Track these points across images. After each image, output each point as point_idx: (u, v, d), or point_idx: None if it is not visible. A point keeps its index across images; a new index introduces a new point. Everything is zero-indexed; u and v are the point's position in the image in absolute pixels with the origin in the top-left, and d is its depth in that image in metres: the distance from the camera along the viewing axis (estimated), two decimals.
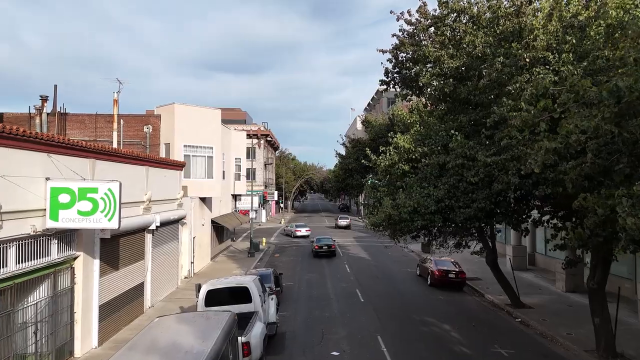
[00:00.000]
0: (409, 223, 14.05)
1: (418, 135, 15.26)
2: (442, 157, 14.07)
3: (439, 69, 14.04)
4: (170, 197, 23.29)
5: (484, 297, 22.86)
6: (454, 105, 15.09)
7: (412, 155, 14.67)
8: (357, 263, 32.48)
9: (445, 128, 14.75)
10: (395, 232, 15.42)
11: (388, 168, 15.31)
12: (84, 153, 14.53)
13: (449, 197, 13.93)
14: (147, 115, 29.11)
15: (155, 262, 21.07)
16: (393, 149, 15.26)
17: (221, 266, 31.01)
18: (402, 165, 14.96)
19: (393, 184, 15.37)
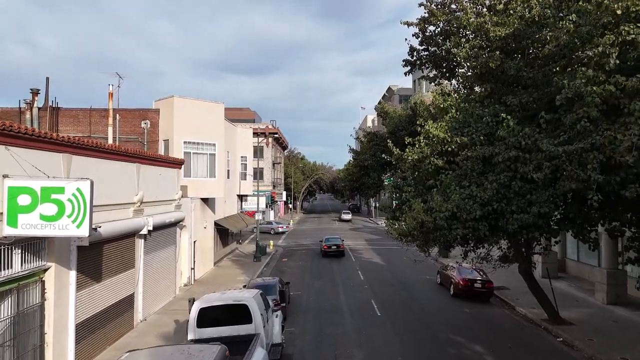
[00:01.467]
0: (445, 232, 11.57)
1: (455, 123, 12.67)
2: (488, 149, 11.54)
3: (481, 40, 11.61)
4: (166, 198, 21.18)
5: (515, 310, 20.42)
6: (497, 86, 12.51)
7: (447, 147, 12.21)
8: (370, 268, 30.16)
9: (489, 113, 12.20)
10: (427, 243, 12.93)
11: (417, 163, 12.96)
12: (56, 147, 12.40)
13: (498, 199, 11.30)
14: (145, 110, 27.07)
15: (149, 270, 18.94)
16: (424, 139, 12.85)
17: (224, 272, 28.87)
18: (435, 159, 12.59)
19: (422, 183, 12.94)
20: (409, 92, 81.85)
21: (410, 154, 13.12)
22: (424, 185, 12.92)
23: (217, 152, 27.67)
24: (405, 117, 18.97)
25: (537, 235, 11.48)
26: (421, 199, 12.08)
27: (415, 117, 18.26)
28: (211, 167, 27.39)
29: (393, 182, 14.43)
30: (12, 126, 10.26)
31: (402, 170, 14.05)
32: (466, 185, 11.72)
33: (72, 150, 13.10)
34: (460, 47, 11.82)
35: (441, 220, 11.35)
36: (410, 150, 13.23)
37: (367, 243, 43.69)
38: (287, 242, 45.16)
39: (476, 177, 11.79)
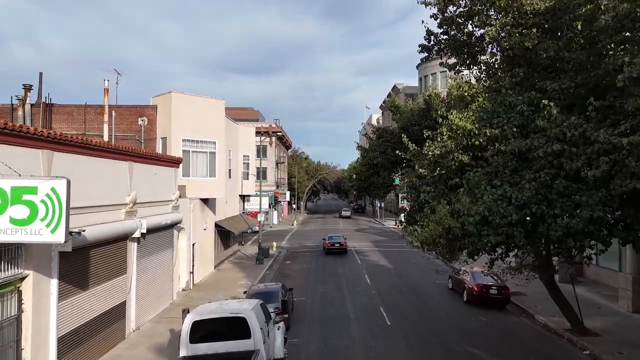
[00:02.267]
0: (475, 239, 10.11)
1: (482, 113, 11.05)
2: (524, 142, 10.04)
3: (513, 18, 10.24)
4: (162, 198, 20.00)
5: (534, 319, 19.11)
6: (529, 71, 11.05)
7: (474, 141, 10.82)
8: (377, 272, 28.88)
9: (523, 100, 10.58)
10: (453, 252, 11.51)
11: (439, 159, 11.44)
12: (34, 142, 11.21)
13: (537, 200, 9.69)
14: (142, 107, 25.92)
15: (143, 276, 17.76)
16: (447, 131, 11.55)
17: (225, 276, 27.68)
18: (460, 154, 11.14)
19: (444, 182, 11.59)
20: (414, 90, 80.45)
21: (430, 148, 11.57)
22: (445, 185, 11.57)
23: (218, 151, 26.48)
24: (418, 111, 17.66)
25: (586, 243, 9.98)
26: (445, 201, 10.60)
27: (429, 110, 16.93)
28: (211, 166, 26.20)
29: (408, 182, 13.05)
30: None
31: (419, 168, 12.67)
32: (497, 184, 10.24)
33: (54, 147, 11.92)
34: (488, 26, 10.41)
35: (470, 226, 9.84)
36: (430, 145, 11.68)
37: (373, 245, 42.41)
38: (291, 244, 43.96)
39: (509, 175, 10.36)
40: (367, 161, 17.82)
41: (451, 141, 11.08)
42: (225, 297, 22.42)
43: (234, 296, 22.24)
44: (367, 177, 18.30)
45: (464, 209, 9.97)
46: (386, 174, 17.86)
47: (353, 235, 49.98)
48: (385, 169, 17.78)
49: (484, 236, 10.00)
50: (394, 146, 17.21)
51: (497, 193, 10.00)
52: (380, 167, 17.67)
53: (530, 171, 10.04)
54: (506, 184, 10.19)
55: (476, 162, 10.94)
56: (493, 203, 9.79)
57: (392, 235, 51.81)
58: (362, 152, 19.15)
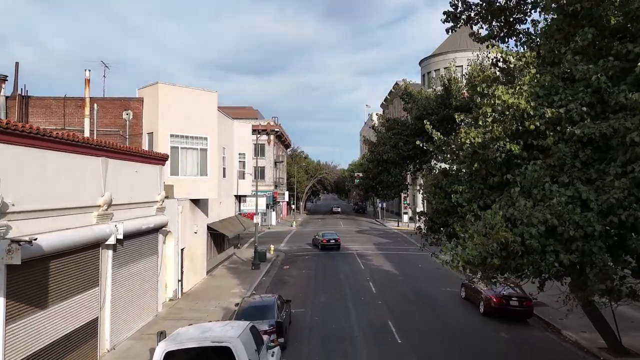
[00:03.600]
0: (537, 257, 7.58)
1: (538, 88, 8.52)
2: (605, 125, 7.50)
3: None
4: (145, 199, 17.89)
5: (561, 335, 17.04)
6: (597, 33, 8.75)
7: (528, 124, 8.35)
8: (382, 278, 26.78)
9: (595, 70, 8.01)
10: (503, 273, 9.06)
11: (479, 149, 8.84)
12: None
13: (629, 203, 7.25)
14: (127, 99, 23.81)
15: (120, 287, 15.65)
16: (491, 112, 8.85)
17: (218, 282, 25.57)
18: (507, 143, 8.64)
19: (482, 180, 9.35)
20: (417, 87, 78.45)
21: (469, 135, 8.90)
22: (484, 183, 9.39)
23: (209, 147, 24.37)
24: (435, 98, 15.59)
25: None
26: (496, 205, 8.13)
27: (448, 97, 14.85)
28: (202, 164, 24.09)
29: (432, 179, 10.80)
30: None
31: (447, 162, 10.48)
32: (565, 181, 7.85)
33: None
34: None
35: (532, 240, 7.36)
36: (468, 132, 9.02)
37: (376, 247, 40.32)
38: (290, 246, 41.85)
39: (579, 169, 8.01)
40: (376, 157, 15.71)
41: (497, 125, 8.67)
42: (216, 307, 20.37)
43: (226, 307, 20.18)
44: (376, 175, 16.21)
45: (522, 216, 7.57)
46: (397, 171, 15.76)
47: (354, 238, 47.95)
48: (397, 165, 15.68)
49: (549, 253, 7.56)
50: (406, 139, 15.09)
51: (566, 194, 7.55)
52: (390, 164, 15.55)
53: (616, 164, 7.59)
54: (576, 181, 7.81)
55: (528, 152, 8.73)
56: (563, 208, 7.33)
57: (395, 237, 49.75)
58: (369, 146, 17.09)
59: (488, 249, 7.42)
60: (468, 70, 15.39)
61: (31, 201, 10.69)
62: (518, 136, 8.61)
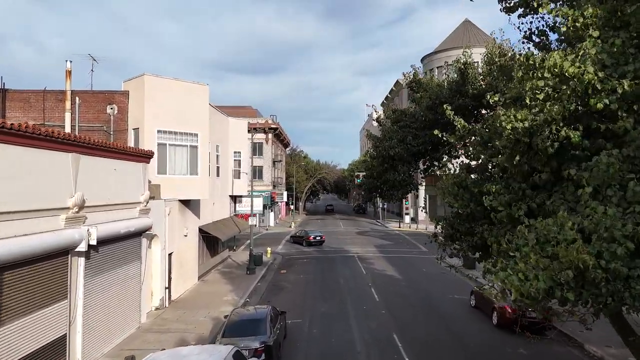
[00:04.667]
0: (620, 286, 5.65)
1: (606, 55, 6.54)
2: None
3: None
4: (126, 200, 16.26)
5: (584, 350, 15.43)
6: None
7: (595, 102, 6.44)
8: (385, 284, 25.15)
9: None
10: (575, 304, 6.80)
11: (524, 137, 6.92)
12: None
13: None
14: (112, 93, 22.18)
15: (94, 298, 14.02)
16: (543, 87, 6.84)
17: (210, 289, 23.92)
18: (562, 128, 6.78)
19: (523, 177, 7.42)
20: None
21: (511, 119, 6.90)
22: (526, 181, 7.46)
23: (200, 144, 22.73)
24: (449, 85, 13.89)
25: None
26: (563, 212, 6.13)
27: (464, 84, 13.21)
28: (192, 162, 22.45)
29: (452, 178, 9.06)
30: None
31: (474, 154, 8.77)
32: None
33: None
34: None
35: (617, 262, 5.47)
36: (510, 115, 7.00)
37: (378, 250, 38.70)
38: (287, 249, 40.21)
39: None
40: (381, 153, 13.92)
41: (551, 104, 6.71)
42: (205, 317, 18.74)
43: (216, 317, 18.56)
44: (380, 174, 14.42)
45: (598, 228, 5.60)
46: (405, 168, 13.98)
47: (355, 240, 46.34)
48: (405, 162, 13.91)
49: (636, 279, 5.56)
50: (415, 133, 13.39)
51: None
52: (397, 161, 13.80)
53: None
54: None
55: (590, 140, 7.08)
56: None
57: (397, 238, 48.14)
58: (373, 141, 15.31)
59: (558, 277, 5.65)
60: (484, 56, 13.72)
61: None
62: (576, 119, 6.84)
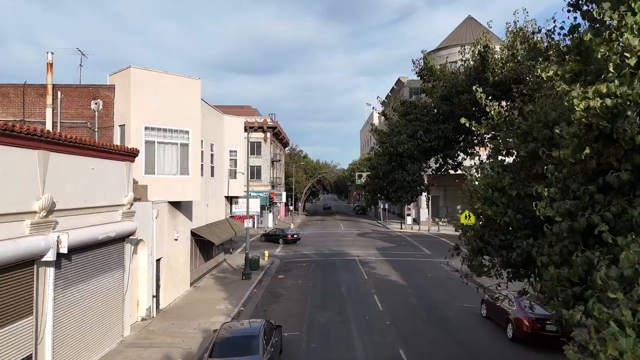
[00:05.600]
0: None
1: None
2: None
3: None
4: (105, 203, 14.79)
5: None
6: None
7: None
8: (389, 291, 23.67)
9: None
10: None
11: (600, 123, 5.02)
12: None
13: None
14: (97, 87, 20.72)
15: (67, 313, 12.57)
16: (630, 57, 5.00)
17: (202, 296, 22.45)
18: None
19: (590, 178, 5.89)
20: (419, 83, 75.47)
21: (585, 96, 5.15)
22: (593, 182, 5.71)
23: (191, 142, 21.27)
24: (467, 72, 12.27)
25: None
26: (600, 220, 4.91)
27: (484, 70, 11.67)
28: (183, 161, 20.99)
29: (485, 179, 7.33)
30: None
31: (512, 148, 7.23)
32: None
33: None
34: None
35: None
36: (586, 92, 5.21)
37: (380, 253, 37.21)
38: (285, 252, 38.71)
39: None
40: (388, 149, 12.27)
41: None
42: (195, 329, 17.28)
43: (207, 329, 17.11)
44: (387, 173, 12.81)
45: None
46: (416, 167, 12.36)
47: (356, 242, 44.86)
48: (415, 160, 12.30)
49: None
50: (427, 127, 11.85)
51: None
52: (407, 158, 12.20)
53: None
54: None
55: None
56: None
57: (399, 240, 46.68)
58: (379, 137, 13.69)
59: None
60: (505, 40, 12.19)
61: None
62: None
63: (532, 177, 6.53)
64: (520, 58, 10.47)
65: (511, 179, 6.58)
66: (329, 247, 40.47)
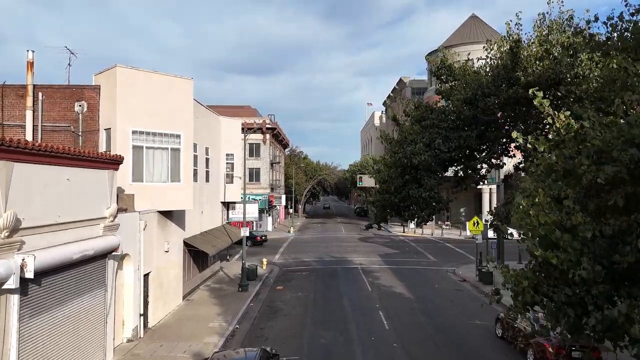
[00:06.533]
0: None
1: None
2: None
3: None
4: (84, 216, 13.31)
5: None
6: None
7: None
8: (395, 305, 22.19)
9: None
10: None
11: None
12: None
13: None
14: (81, 87, 19.25)
15: (36, 343, 11.10)
16: None
17: (195, 312, 20.96)
18: None
19: None
20: (423, 84, 73.97)
21: None
22: None
23: (183, 147, 19.81)
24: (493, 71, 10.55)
25: None
26: None
27: (514, 69, 10.08)
28: (174, 167, 19.52)
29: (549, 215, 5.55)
30: None
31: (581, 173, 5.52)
32: None
33: None
34: None
35: None
36: None
37: (383, 260, 35.76)
38: (285, 258, 37.28)
39: None
40: (401, 161, 10.55)
41: None
42: (185, 352, 15.82)
43: (199, 352, 15.68)
44: (400, 188, 11.10)
45: None
46: (434, 182, 10.66)
47: (357, 247, 43.42)
48: (432, 173, 10.63)
49: None
50: (445, 134, 10.24)
51: None
52: (423, 171, 10.47)
53: None
54: None
55: None
56: None
57: (403, 245, 45.28)
58: (390, 145, 11.97)
59: None
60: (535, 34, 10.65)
61: None
62: None
63: (607, 209, 5.04)
64: (557, 54, 9.04)
65: (586, 217, 5.01)
66: (330, 254, 39.04)
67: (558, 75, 8.36)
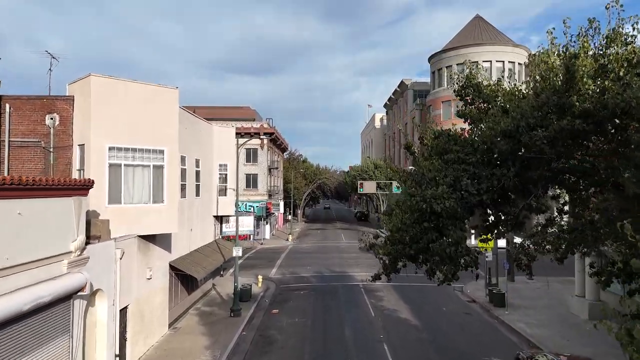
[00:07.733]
0: None
1: None
2: None
3: None
4: (42, 255, 11.34)
5: None
6: None
7: None
8: (401, 336, 20.24)
9: None
10: None
11: None
12: None
13: None
14: (52, 98, 17.32)
15: None
16: None
17: (181, 344, 18.99)
18: None
19: None
20: (425, 86, 71.86)
21: None
22: None
23: (167, 163, 17.86)
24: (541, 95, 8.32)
25: None
26: None
27: (568, 90, 7.96)
28: (156, 186, 17.57)
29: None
30: None
31: None
32: None
33: None
34: None
35: None
36: None
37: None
38: (282, 273, 35.31)
39: None
40: (419, 205, 8.40)
41: None
42: None
43: None
44: (416, 238, 8.94)
45: None
46: (460, 232, 8.49)
47: (359, 259, 41.17)
48: (458, 220, 8.49)
49: None
50: (474, 172, 8.09)
51: None
52: (447, 219, 8.32)
53: None
54: None
55: None
56: None
57: None
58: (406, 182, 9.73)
59: None
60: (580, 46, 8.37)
61: None
62: None
63: None
64: (622, 73, 7.02)
65: None
66: (330, 267, 37.09)
67: (628, 103, 6.44)
